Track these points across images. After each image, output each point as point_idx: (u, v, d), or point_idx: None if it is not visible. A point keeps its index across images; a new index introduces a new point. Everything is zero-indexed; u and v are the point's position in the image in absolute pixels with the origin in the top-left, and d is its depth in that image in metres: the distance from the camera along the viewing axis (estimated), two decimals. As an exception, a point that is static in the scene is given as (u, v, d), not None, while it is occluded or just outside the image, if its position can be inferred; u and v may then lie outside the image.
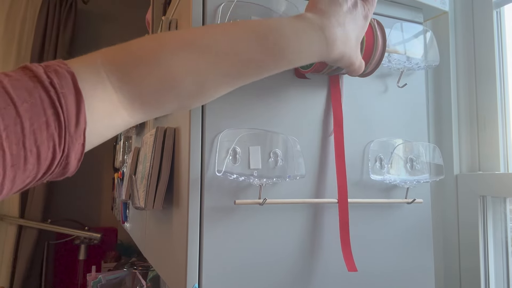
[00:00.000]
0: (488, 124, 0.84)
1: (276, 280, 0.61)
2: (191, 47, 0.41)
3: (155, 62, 0.39)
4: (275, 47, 0.44)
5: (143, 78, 0.39)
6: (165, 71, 0.39)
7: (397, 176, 0.69)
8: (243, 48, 0.43)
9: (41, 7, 2.20)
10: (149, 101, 0.40)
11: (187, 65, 0.40)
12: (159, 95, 0.40)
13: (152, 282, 1.38)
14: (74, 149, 0.34)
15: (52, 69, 0.34)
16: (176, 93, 0.41)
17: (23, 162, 0.31)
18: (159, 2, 0.98)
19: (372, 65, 0.61)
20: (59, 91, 0.33)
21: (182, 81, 0.40)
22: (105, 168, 2.32)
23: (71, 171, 0.36)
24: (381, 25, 0.61)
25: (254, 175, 0.60)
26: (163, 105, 0.42)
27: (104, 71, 0.37)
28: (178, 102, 0.42)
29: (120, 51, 0.40)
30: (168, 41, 0.41)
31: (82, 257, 2.05)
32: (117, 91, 0.38)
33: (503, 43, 0.84)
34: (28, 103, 0.31)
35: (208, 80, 0.42)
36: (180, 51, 0.40)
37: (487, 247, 0.80)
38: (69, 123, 0.33)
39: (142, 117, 0.42)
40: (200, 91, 0.42)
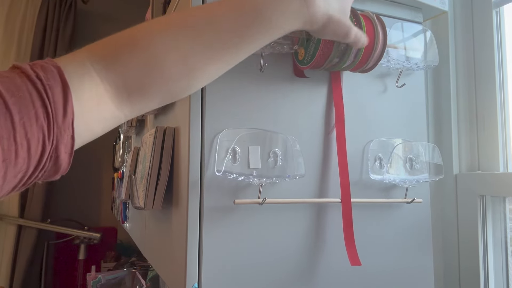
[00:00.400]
0: (487, 124, 0.84)
1: (276, 280, 0.61)
2: (169, 26, 0.41)
3: (137, 44, 0.40)
4: (253, 10, 0.43)
5: (126, 63, 0.39)
6: (146, 53, 0.40)
7: (397, 176, 0.69)
8: (221, 17, 0.42)
9: (41, 7, 2.20)
10: (135, 88, 0.40)
11: (166, 43, 0.40)
12: (144, 80, 0.40)
13: (151, 282, 1.38)
14: (63, 141, 0.34)
15: (39, 65, 0.35)
16: (161, 76, 0.40)
17: (14, 156, 0.31)
18: (159, 2, 0.98)
19: (373, 59, 0.61)
20: (45, 83, 0.33)
21: (164, 60, 0.40)
22: (105, 168, 2.32)
23: (64, 167, 0.36)
24: (381, 20, 0.61)
25: (253, 174, 0.60)
26: (149, 93, 0.41)
27: (89, 62, 0.38)
28: (165, 88, 0.42)
29: (103, 42, 0.41)
30: (146, 26, 0.42)
31: (82, 257, 2.05)
32: (103, 81, 0.38)
33: (503, 43, 0.84)
34: (16, 96, 0.31)
35: (190, 55, 0.41)
36: (158, 31, 0.41)
37: (486, 246, 0.80)
38: (56, 114, 0.33)
39: (130, 110, 0.42)
40: (185, 70, 0.42)
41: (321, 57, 0.59)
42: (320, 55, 0.58)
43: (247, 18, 0.43)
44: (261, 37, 0.45)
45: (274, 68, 0.65)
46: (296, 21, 0.46)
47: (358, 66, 0.62)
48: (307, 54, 0.61)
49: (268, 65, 0.64)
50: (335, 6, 0.48)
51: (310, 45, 0.60)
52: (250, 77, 0.63)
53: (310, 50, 0.60)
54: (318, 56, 0.58)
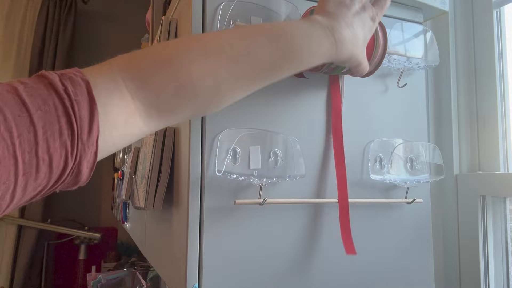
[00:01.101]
0: (488, 124, 0.84)
1: (276, 280, 0.61)
2: (207, 51, 0.42)
3: (173, 66, 0.39)
4: (288, 48, 0.45)
5: (160, 83, 0.39)
6: (183, 75, 0.40)
7: (397, 176, 0.69)
8: (258, 50, 0.44)
9: (41, 7, 2.20)
10: (166, 108, 0.40)
11: (204, 69, 0.41)
12: (176, 100, 0.40)
13: (152, 282, 1.38)
14: (86, 157, 0.34)
15: (67, 77, 0.34)
16: (193, 98, 0.41)
17: (35, 171, 0.30)
18: (159, 2, 0.98)
19: (372, 65, 0.61)
20: (73, 99, 0.32)
21: (199, 85, 0.40)
22: (105, 168, 2.32)
23: (83, 180, 0.36)
24: (383, 25, 0.61)
25: (254, 175, 0.60)
26: (179, 111, 0.42)
27: (121, 78, 0.37)
28: (194, 108, 0.42)
29: (137, 57, 0.40)
30: (185, 46, 0.42)
31: (82, 257, 2.05)
32: (134, 98, 0.38)
33: (503, 43, 0.84)
34: (42, 110, 0.31)
35: (224, 84, 0.42)
36: (196, 56, 0.41)
37: (487, 246, 0.80)
38: (81, 131, 0.33)
39: (157, 126, 0.42)
40: (216, 95, 0.43)
41: None
42: None
43: (282, 56, 0.45)
44: (289, 72, 0.48)
45: (274, 68, 0.65)
46: (324, 59, 0.49)
47: None
48: None
49: (268, 65, 0.64)
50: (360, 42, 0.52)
51: None
52: (250, 77, 0.63)
53: None
54: None
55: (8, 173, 0.29)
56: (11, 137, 0.29)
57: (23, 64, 2.13)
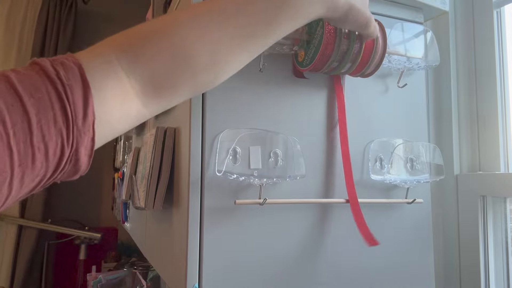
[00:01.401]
0: (488, 124, 0.84)
1: (276, 280, 0.61)
2: (196, 15, 0.40)
3: (165, 36, 0.38)
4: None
5: (154, 54, 0.38)
6: (175, 43, 0.38)
7: (397, 176, 0.69)
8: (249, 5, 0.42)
9: (41, 7, 2.21)
10: (162, 82, 0.39)
11: (196, 33, 0.39)
12: (171, 71, 0.39)
13: (152, 282, 1.38)
14: (83, 144, 0.33)
15: (59, 62, 0.33)
16: (188, 68, 0.39)
17: (31, 161, 0.30)
18: (160, 2, 0.98)
19: (372, 66, 0.61)
20: (66, 84, 0.32)
21: (192, 50, 0.39)
22: (105, 168, 2.32)
23: (83, 168, 0.35)
24: (382, 26, 0.61)
25: (254, 175, 0.60)
26: (176, 86, 0.40)
27: (114, 57, 0.36)
28: (191, 80, 0.41)
29: (128, 33, 0.39)
30: (174, 16, 0.41)
31: (83, 257, 2.05)
32: (129, 75, 0.37)
33: (503, 43, 0.84)
34: (35, 98, 0.30)
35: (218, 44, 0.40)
36: (186, 20, 0.39)
37: (487, 247, 0.80)
38: (76, 117, 0.32)
39: (156, 106, 0.40)
40: (212, 61, 0.41)
41: (320, 61, 0.59)
42: (320, 59, 0.58)
43: (275, 6, 0.42)
44: (287, 25, 0.45)
45: (273, 69, 0.65)
46: (320, 8, 0.46)
47: (357, 71, 0.62)
48: (307, 56, 0.61)
49: (267, 65, 0.64)
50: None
51: (310, 48, 0.60)
52: (250, 77, 0.63)
53: (310, 53, 0.60)
54: (318, 59, 0.58)
55: (4, 164, 0.28)
56: (5, 127, 0.28)
57: (24, 65, 2.13)
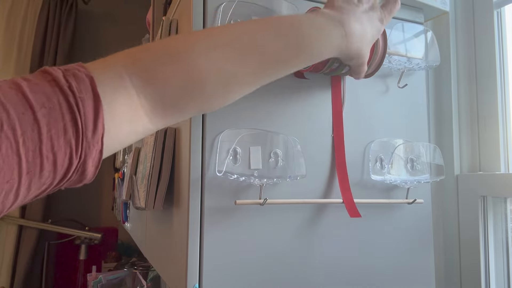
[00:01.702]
0: (488, 124, 0.84)
1: (276, 280, 0.61)
2: (215, 45, 0.40)
3: (181, 61, 0.38)
4: (297, 41, 0.44)
5: (168, 77, 0.38)
6: (190, 69, 0.38)
7: (398, 177, 0.69)
8: (266, 43, 0.42)
9: (42, 7, 2.21)
10: (172, 104, 0.39)
11: (212, 62, 0.39)
12: (183, 96, 0.39)
13: (152, 282, 1.38)
14: (91, 155, 0.33)
15: (71, 73, 0.33)
16: (200, 93, 0.40)
17: (39, 169, 0.30)
18: (160, 2, 0.98)
19: (372, 67, 0.61)
20: (78, 96, 0.32)
21: (207, 80, 0.39)
22: (106, 168, 2.32)
23: (89, 178, 0.35)
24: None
25: (254, 175, 0.60)
26: (185, 108, 0.40)
27: (126, 73, 0.36)
28: (200, 104, 0.41)
29: (143, 51, 0.39)
30: (193, 40, 0.41)
31: (83, 257, 2.05)
32: (139, 94, 0.37)
33: (504, 43, 0.84)
34: (47, 108, 0.30)
35: (232, 78, 0.41)
36: (203, 50, 0.40)
37: (487, 247, 0.80)
38: (86, 129, 0.32)
39: (162, 123, 0.41)
40: (224, 90, 0.41)
41: (320, 63, 0.59)
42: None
43: (291, 49, 0.44)
44: (300, 66, 0.47)
45: (275, 69, 0.65)
46: (334, 52, 0.48)
47: None
48: None
49: (269, 65, 0.64)
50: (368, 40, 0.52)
51: None
52: (251, 77, 0.63)
53: None
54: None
55: (12, 171, 0.28)
56: (15, 135, 0.28)
57: (24, 65, 2.14)
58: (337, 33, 0.47)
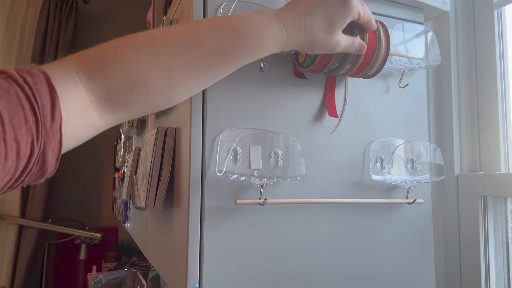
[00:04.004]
0: (489, 124, 0.84)
1: (276, 280, 0.61)
2: (151, 42, 0.43)
3: (119, 57, 0.41)
4: (234, 33, 0.45)
5: (108, 75, 0.40)
6: (128, 65, 0.41)
7: (398, 176, 0.69)
8: (202, 37, 0.44)
9: (42, 7, 2.21)
10: (118, 100, 0.41)
11: (148, 59, 0.41)
12: (126, 91, 0.41)
13: (152, 282, 1.38)
14: (51, 144, 0.35)
15: (25, 70, 0.35)
16: (143, 89, 0.42)
17: (3, 158, 0.31)
18: (160, 2, 0.98)
19: (375, 67, 0.61)
20: (33, 87, 0.33)
21: (146, 76, 0.41)
22: (106, 168, 2.32)
23: (50, 170, 0.36)
24: (385, 27, 0.61)
25: (254, 175, 0.60)
26: (131, 104, 0.42)
27: (74, 70, 0.39)
28: (147, 100, 0.43)
29: (88, 52, 0.41)
30: (131, 40, 0.43)
31: (83, 256, 2.05)
32: (87, 90, 0.39)
33: (504, 43, 0.84)
34: (5, 99, 0.31)
35: (172, 73, 0.43)
36: (142, 47, 0.42)
37: (487, 247, 0.80)
38: (44, 118, 0.34)
39: (112, 119, 0.42)
40: (167, 86, 0.43)
41: (321, 63, 0.59)
42: (320, 61, 0.58)
43: (227, 41, 0.45)
44: (241, 59, 0.47)
45: (274, 69, 0.65)
46: (276, 46, 0.49)
47: (359, 72, 0.62)
48: (308, 58, 0.61)
49: (268, 65, 0.64)
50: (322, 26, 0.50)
51: None
52: (250, 77, 0.63)
53: (310, 55, 0.60)
54: (318, 62, 0.58)
55: None
56: None
57: (24, 64, 2.13)
58: (274, 27, 0.47)
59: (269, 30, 0.47)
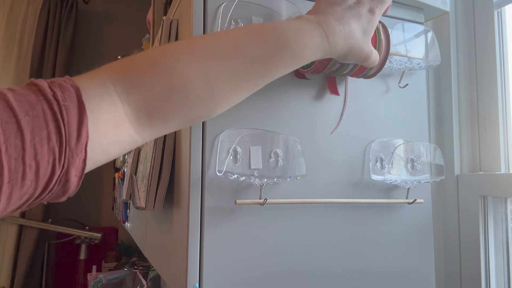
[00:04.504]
0: (489, 124, 0.84)
1: (277, 280, 0.61)
2: (195, 51, 0.42)
3: (161, 66, 0.39)
4: (278, 41, 0.45)
5: (149, 87, 0.38)
6: (171, 74, 0.39)
7: (398, 176, 0.69)
8: (246, 46, 0.43)
9: (42, 7, 2.21)
10: (156, 112, 0.39)
11: (193, 67, 0.40)
12: (166, 103, 0.39)
13: (152, 282, 1.38)
14: (75, 164, 0.33)
15: (57, 84, 0.33)
16: (184, 99, 0.40)
17: (20, 178, 0.30)
18: (160, 2, 0.98)
19: (375, 67, 0.61)
20: (62, 104, 0.32)
21: (189, 85, 0.40)
22: (106, 167, 2.32)
23: (72, 190, 0.35)
24: (385, 27, 0.61)
25: (254, 175, 0.60)
26: (170, 115, 0.41)
27: (110, 82, 0.37)
28: (187, 112, 0.42)
29: (125, 62, 0.40)
30: (172, 49, 0.42)
31: (83, 256, 2.05)
32: (124, 102, 0.37)
33: (504, 43, 0.84)
34: (30, 116, 0.30)
35: (215, 81, 0.41)
36: (184, 55, 0.41)
37: (488, 247, 0.80)
38: (70, 137, 0.32)
39: (149, 134, 0.41)
40: (208, 95, 0.42)
41: (321, 64, 0.59)
42: (321, 61, 0.58)
43: (272, 50, 0.45)
44: (284, 67, 0.47)
45: (275, 69, 0.65)
46: (318, 53, 0.49)
47: (359, 72, 0.62)
48: None
49: (269, 65, 0.64)
50: (358, 35, 0.51)
51: None
52: (251, 77, 0.63)
53: None
54: (319, 62, 0.58)
55: None
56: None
57: (24, 64, 2.14)
58: (316, 33, 0.48)
59: (311, 38, 0.47)
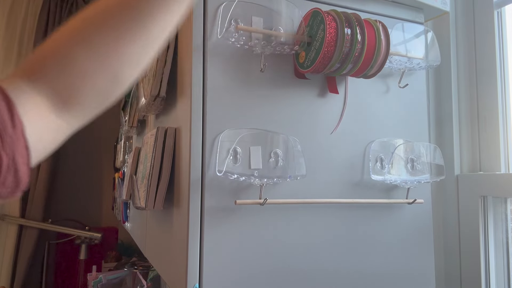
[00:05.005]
0: (489, 124, 0.84)
1: (276, 280, 0.61)
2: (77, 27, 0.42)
3: (55, 54, 0.41)
4: None
5: (47, 73, 0.40)
6: (63, 59, 0.41)
7: (398, 177, 0.69)
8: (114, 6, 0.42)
9: (42, 7, 2.21)
10: (66, 95, 0.41)
11: (77, 42, 0.41)
12: (70, 84, 0.41)
13: (152, 282, 1.38)
14: (19, 150, 0.35)
15: None
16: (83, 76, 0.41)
17: None
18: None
19: (375, 67, 0.61)
20: None
21: (78, 59, 0.41)
22: (106, 168, 2.32)
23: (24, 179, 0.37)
24: (385, 27, 0.61)
25: (254, 175, 0.60)
26: (81, 96, 0.41)
27: (20, 79, 0.39)
28: (93, 87, 0.42)
29: (30, 57, 0.42)
30: (60, 35, 0.43)
31: (83, 256, 2.05)
32: (37, 92, 0.39)
33: (504, 43, 0.84)
34: None
35: (102, 45, 0.42)
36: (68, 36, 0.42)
37: (487, 247, 0.80)
38: (5, 126, 0.34)
39: (72, 117, 0.42)
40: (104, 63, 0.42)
41: (321, 64, 0.59)
42: (320, 62, 0.58)
43: None
44: (164, 10, 0.43)
45: (274, 69, 0.65)
46: None
47: (360, 72, 0.62)
48: (308, 58, 0.61)
49: (268, 65, 0.64)
50: None
51: (311, 50, 0.60)
52: (250, 77, 0.63)
53: (310, 55, 0.60)
54: (318, 62, 0.58)
55: None
56: None
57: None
58: None
59: None
